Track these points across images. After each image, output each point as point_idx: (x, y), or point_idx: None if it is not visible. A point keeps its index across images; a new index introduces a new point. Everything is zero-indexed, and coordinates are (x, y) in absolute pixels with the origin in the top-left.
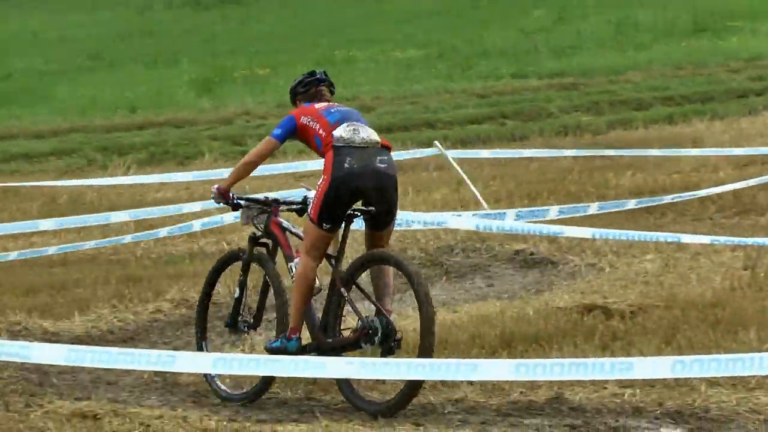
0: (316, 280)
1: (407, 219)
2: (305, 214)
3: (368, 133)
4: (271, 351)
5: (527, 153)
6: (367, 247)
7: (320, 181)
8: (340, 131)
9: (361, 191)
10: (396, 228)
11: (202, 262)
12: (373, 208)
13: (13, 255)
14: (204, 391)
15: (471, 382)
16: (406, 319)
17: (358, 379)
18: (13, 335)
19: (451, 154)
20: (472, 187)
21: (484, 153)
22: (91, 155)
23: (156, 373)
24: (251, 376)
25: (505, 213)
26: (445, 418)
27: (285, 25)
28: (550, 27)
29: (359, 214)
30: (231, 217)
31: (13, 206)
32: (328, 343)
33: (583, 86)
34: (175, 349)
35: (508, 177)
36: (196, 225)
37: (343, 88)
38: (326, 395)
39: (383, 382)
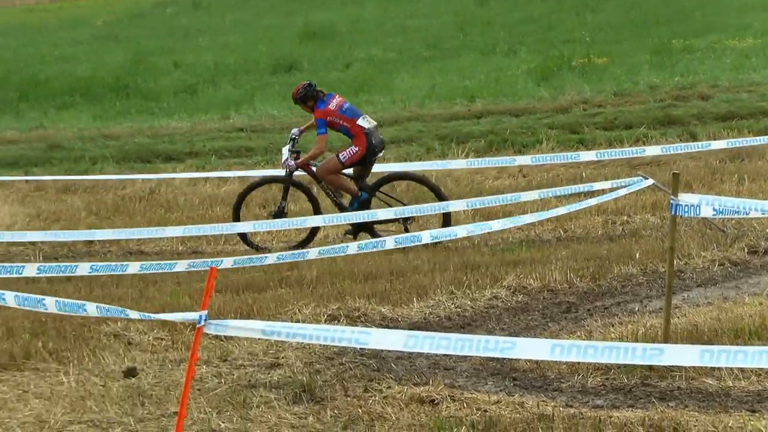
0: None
1: (745, 206)
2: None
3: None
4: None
5: None
6: (361, 177)
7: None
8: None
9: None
10: (733, 216)
11: (539, 249)
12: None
13: (351, 248)
14: (540, 377)
15: None
16: (743, 306)
17: None
18: (352, 321)
19: None
20: None
21: None
22: (430, 143)
23: (493, 359)
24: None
25: None
26: None
27: (621, 15)
28: None
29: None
30: (564, 209)
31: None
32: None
33: None
34: (512, 335)
35: None
36: (530, 218)
37: (681, 76)
38: (662, 381)
39: None
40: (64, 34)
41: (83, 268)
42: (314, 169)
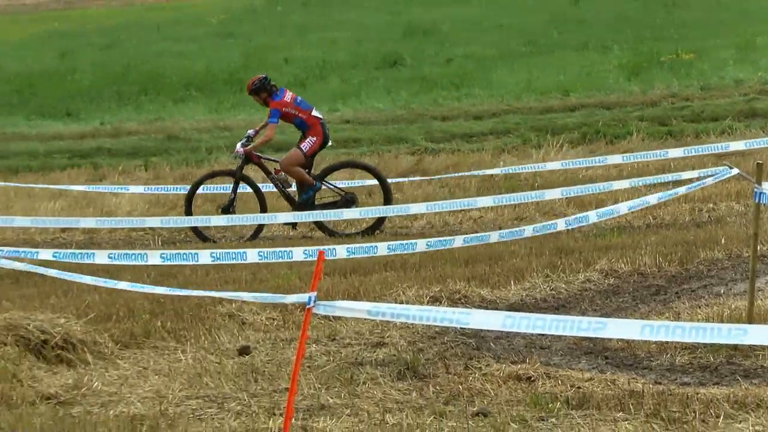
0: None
1: None
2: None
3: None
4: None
5: None
6: (310, 166)
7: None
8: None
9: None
10: None
11: (629, 235)
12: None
13: (458, 241)
14: (631, 356)
15: None
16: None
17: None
18: (453, 302)
19: None
20: None
21: None
22: (526, 135)
23: (586, 338)
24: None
25: None
26: None
27: (707, 12)
28: None
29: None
30: (655, 198)
31: (453, 182)
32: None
33: None
34: (604, 316)
35: None
36: (623, 208)
37: (764, 71)
38: (746, 360)
39: None
40: (182, 31)
41: (204, 257)
42: (277, 164)
